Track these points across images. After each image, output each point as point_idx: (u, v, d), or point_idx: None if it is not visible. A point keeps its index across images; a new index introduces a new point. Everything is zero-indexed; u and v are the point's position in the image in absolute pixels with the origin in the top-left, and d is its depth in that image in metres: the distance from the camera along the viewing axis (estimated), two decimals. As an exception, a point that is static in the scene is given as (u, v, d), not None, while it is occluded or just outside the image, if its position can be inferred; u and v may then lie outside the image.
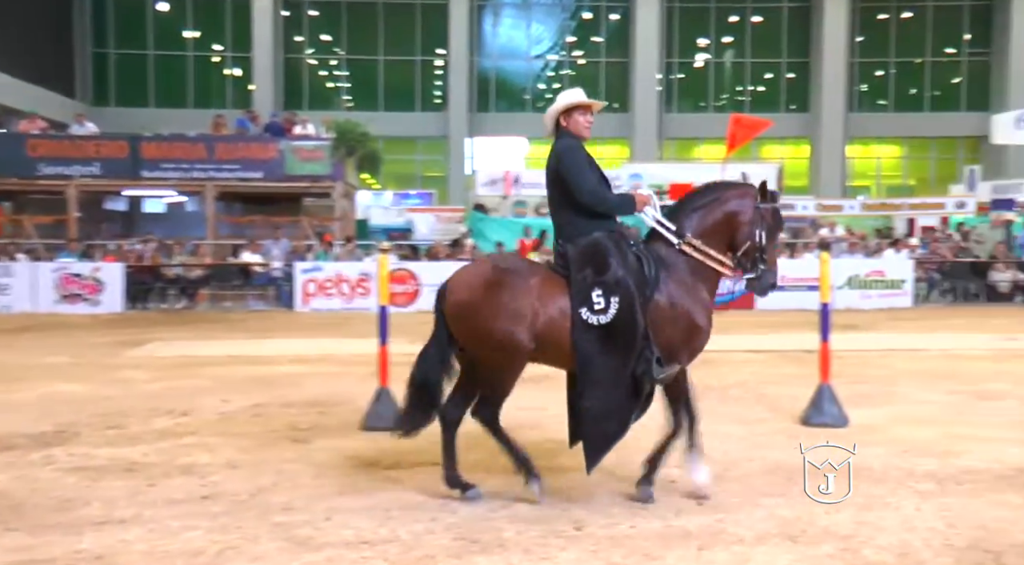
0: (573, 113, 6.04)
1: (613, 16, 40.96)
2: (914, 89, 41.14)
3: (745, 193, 6.10)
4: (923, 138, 41.33)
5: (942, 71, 40.89)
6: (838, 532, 5.29)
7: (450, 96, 40.13)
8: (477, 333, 5.73)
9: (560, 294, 5.72)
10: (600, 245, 5.76)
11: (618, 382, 5.64)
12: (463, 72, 39.76)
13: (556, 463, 6.62)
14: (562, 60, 41.61)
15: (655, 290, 5.76)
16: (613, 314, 5.59)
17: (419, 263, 21.76)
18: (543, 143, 41.74)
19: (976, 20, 40.39)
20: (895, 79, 41.02)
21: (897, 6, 40.61)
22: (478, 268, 6.00)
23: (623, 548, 5.06)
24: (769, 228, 5.99)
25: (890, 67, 40.89)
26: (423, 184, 39.01)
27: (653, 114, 39.33)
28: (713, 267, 5.95)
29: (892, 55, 40.76)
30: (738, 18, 40.94)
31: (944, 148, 41.68)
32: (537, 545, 5.11)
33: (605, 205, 5.92)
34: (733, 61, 41.39)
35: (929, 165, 42.09)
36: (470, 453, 6.56)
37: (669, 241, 5.93)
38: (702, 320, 5.88)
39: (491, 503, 5.88)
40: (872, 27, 40.62)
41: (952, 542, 5.13)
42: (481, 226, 24.34)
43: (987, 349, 13.42)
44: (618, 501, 5.91)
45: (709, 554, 4.96)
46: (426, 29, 40.61)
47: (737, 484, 6.26)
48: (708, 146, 39.02)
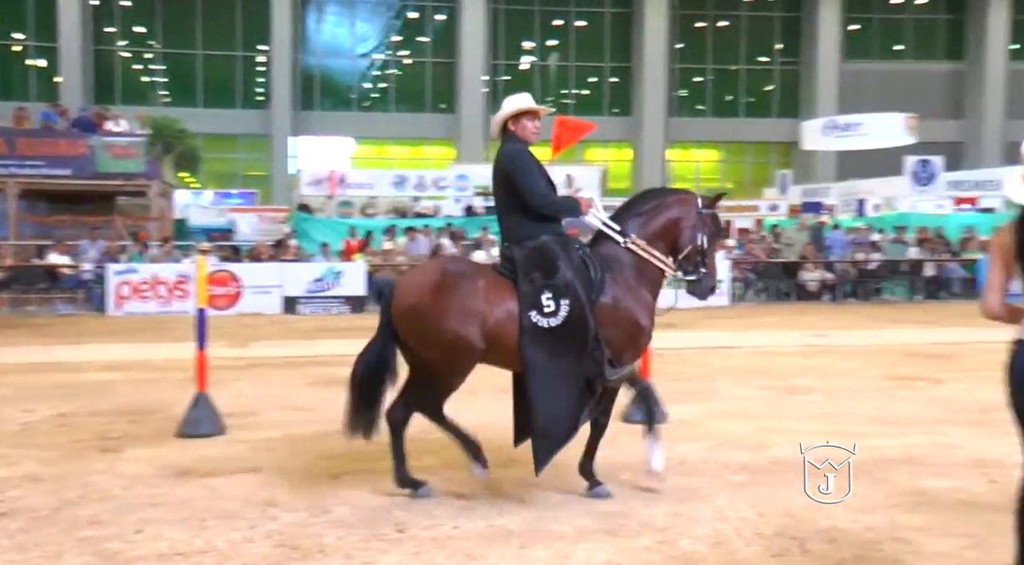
0: (521, 118, 6.14)
1: (439, 16, 41.03)
2: (730, 96, 42.83)
3: (687, 198, 6.26)
4: (739, 143, 43.05)
5: (756, 79, 42.72)
6: (655, 525, 5.44)
7: (273, 93, 39.34)
8: (428, 335, 5.74)
9: (508, 296, 5.76)
10: (548, 248, 5.82)
11: (569, 383, 5.70)
12: (286, 69, 39.04)
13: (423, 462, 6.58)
14: (388, 59, 41.43)
15: (600, 292, 5.85)
16: (563, 317, 5.66)
17: (241, 264, 21.28)
18: (369, 143, 41.55)
19: (787, 31, 42.39)
20: (712, 85, 42.61)
21: (714, 15, 42.20)
22: (426, 271, 6.03)
23: (446, 549, 5.07)
24: (710, 233, 6.17)
25: (707, 74, 42.44)
26: (245, 183, 38.09)
27: (479, 115, 39.58)
28: (656, 268, 6.07)
29: (709, 62, 42.32)
30: (562, 22, 41.68)
31: (758, 153, 43.52)
32: (359, 550, 5.07)
33: (554, 208, 6.00)
34: (558, 64, 42.11)
35: (745, 169, 43.88)
36: (297, 458, 6.44)
37: (614, 243, 6.04)
38: (645, 321, 6.00)
39: (313, 509, 5.79)
40: (690, 35, 42.07)
41: (761, 530, 5.36)
42: (306, 226, 24.00)
43: (796, 345, 14.10)
44: (442, 502, 5.91)
45: (530, 552, 5.02)
46: (247, 24, 39.70)
47: (558, 481, 6.36)
48: (534, 148, 39.50)
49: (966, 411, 8.82)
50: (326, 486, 6.30)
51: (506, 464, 6.52)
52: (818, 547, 5.09)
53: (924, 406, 9.13)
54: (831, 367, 11.90)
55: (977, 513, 5.64)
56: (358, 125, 40.56)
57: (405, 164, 38.47)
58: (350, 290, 20.60)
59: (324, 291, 20.49)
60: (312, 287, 20.47)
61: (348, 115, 40.32)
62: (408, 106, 41.00)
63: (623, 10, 41.39)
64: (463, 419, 6.33)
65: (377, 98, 41.68)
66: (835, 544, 5.13)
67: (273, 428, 8.26)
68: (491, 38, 40.45)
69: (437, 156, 40.21)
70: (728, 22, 42.38)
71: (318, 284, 20.48)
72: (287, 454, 7.26)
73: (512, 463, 6.43)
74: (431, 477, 6.31)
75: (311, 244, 22.49)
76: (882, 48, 42.67)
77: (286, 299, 20.32)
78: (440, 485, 6.25)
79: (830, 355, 13.06)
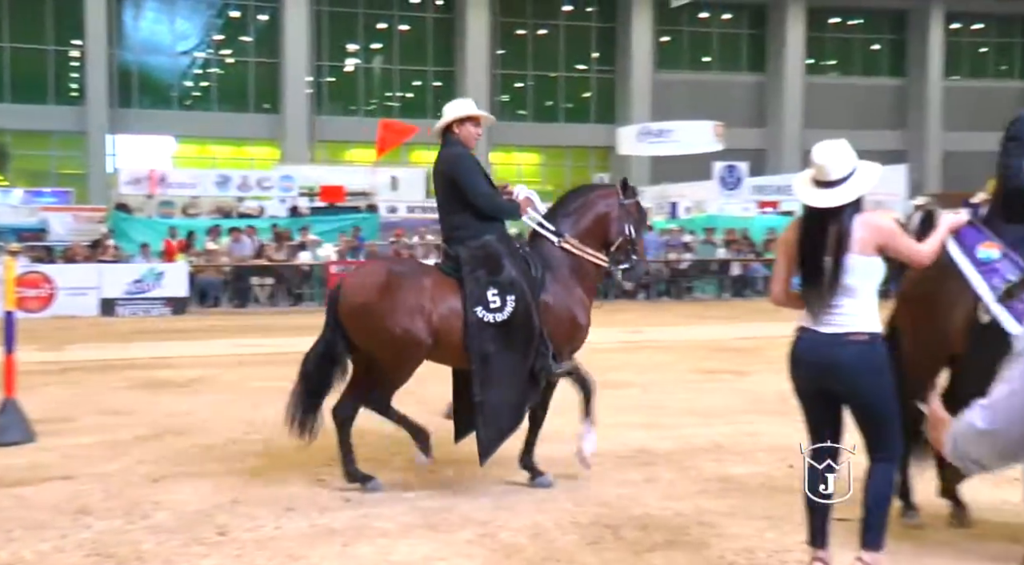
0: (465, 123, 6.21)
1: (261, 16, 40.09)
2: (550, 101, 43.51)
3: (609, 193, 6.46)
4: (559, 147, 43.76)
5: (574, 86, 43.55)
6: (477, 518, 5.47)
7: (88, 89, 37.47)
8: (375, 332, 5.84)
9: (452, 294, 5.88)
10: (491, 247, 5.95)
11: (516, 377, 5.84)
12: (102, 65, 37.24)
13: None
14: (210, 58, 40.20)
15: (542, 290, 6.00)
16: (509, 312, 5.79)
17: (54, 266, 20.25)
18: (191, 142, 40.08)
19: (602, 40, 43.36)
20: (533, 91, 43.17)
21: (533, 23, 42.76)
22: (372, 271, 6.22)
23: (267, 550, 4.96)
24: (636, 221, 6.41)
25: (528, 80, 42.98)
26: (59, 182, 36.10)
27: (304, 116, 38.88)
28: (590, 265, 6.23)
29: (530, 68, 42.86)
30: (386, 25, 41.42)
31: (578, 157, 44.35)
32: (178, 555, 4.90)
33: (496, 209, 6.11)
34: (382, 67, 41.83)
35: (565, 172, 44.61)
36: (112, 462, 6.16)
37: (550, 242, 6.18)
38: (582, 318, 6.17)
39: (130, 515, 5.56)
40: (511, 41, 42.51)
41: (578, 520, 5.46)
42: (124, 226, 23.02)
43: (614, 342, 14.42)
44: (266, 503, 5.78)
45: (353, 549, 4.97)
46: (58, 17, 37.68)
47: (382, 478, 6.32)
48: (359, 149, 39.14)
49: (768, 401, 9.22)
50: (145, 491, 6.07)
51: (330, 462, 6.43)
52: (631, 534, 5.23)
53: (730, 397, 9.51)
54: (647, 362, 12.24)
55: (776, 496, 5.91)
56: (179, 124, 39.22)
57: (228, 164, 37.40)
58: (171, 291, 19.89)
59: (144, 293, 19.73)
60: (131, 289, 19.68)
61: (169, 113, 38.90)
62: (231, 106, 39.91)
63: (445, 16, 41.46)
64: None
65: (199, 97, 40.40)
66: (647, 530, 5.28)
67: (88, 434, 7.89)
68: (315, 39, 39.77)
69: (261, 156, 39.26)
70: (547, 30, 43.03)
71: (138, 285, 19.71)
72: (102, 460, 6.95)
73: (335, 462, 6.34)
74: (255, 478, 6.16)
75: (130, 245, 21.60)
76: (691, 60, 44.20)
77: (104, 301, 19.46)
78: (265, 489, 6.11)
79: (646, 351, 13.43)
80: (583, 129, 42.99)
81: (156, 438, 7.66)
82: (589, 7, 43.03)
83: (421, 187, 30.69)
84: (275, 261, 21.68)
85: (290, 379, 6.20)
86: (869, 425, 4.21)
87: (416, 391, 6.77)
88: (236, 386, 10.23)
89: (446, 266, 6.12)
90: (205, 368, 11.54)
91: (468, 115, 6.27)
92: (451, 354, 5.99)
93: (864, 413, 4.20)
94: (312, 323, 17.78)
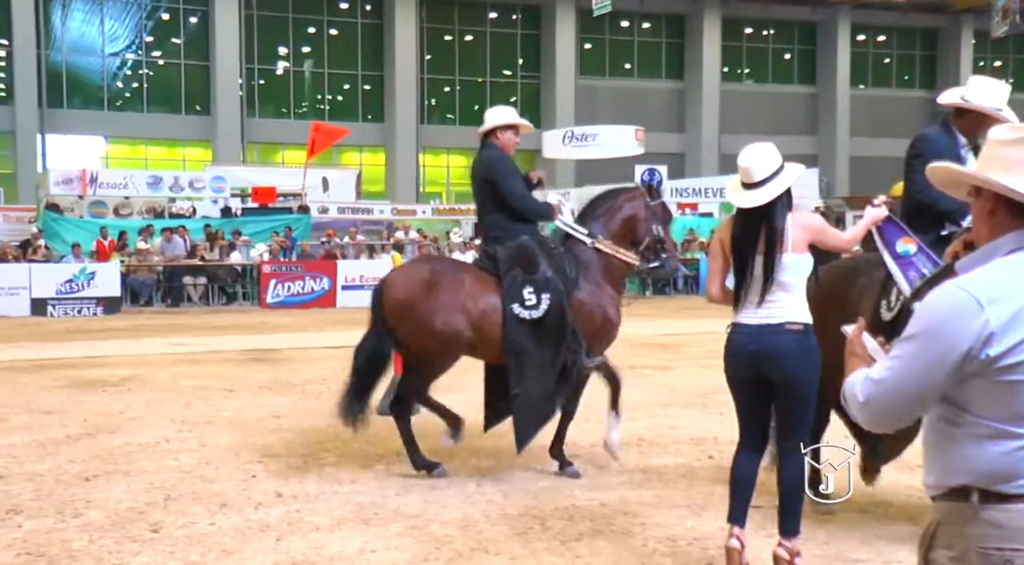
0: (507, 130, 6.31)
1: (192, 19, 39.39)
2: (477, 105, 43.46)
3: (635, 195, 6.59)
4: (487, 150, 43.70)
5: (501, 90, 43.55)
6: (407, 512, 5.44)
7: (16, 89, 36.36)
8: (418, 327, 5.94)
9: (491, 291, 5.99)
10: (528, 247, 6.07)
11: (549, 371, 5.94)
12: (30, 65, 36.16)
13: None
14: (140, 59, 39.35)
15: (575, 288, 6.10)
16: (544, 310, 5.89)
17: (-18, 266, 19.68)
18: (122, 142, 39.13)
19: (527, 48, 43.44)
20: (460, 95, 43.10)
21: (460, 30, 42.69)
22: (415, 269, 6.42)
23: (201, 546, 4.87)
24: (662, 220, 6.55)
25: (456, 85, 42.90)
26: (-12, 182, 35.18)
27: (236, 118, 38.28)
28: (619, 265, 6.37)
29: (457, 73, 42.78)
30: (315, 30, 41.00)
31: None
32: (110, 553, 4.79)
33: (531, 211, 6.23)
34: (312, 70, 41.40)
35: (491, 174, 44.66)
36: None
37: (582, 243, 6.29)
38: (614, 315, 6.33)
39: (62, 514, 5.42)
40: (439, 47, 42.37)
41: (507, 511, 5.47)
42: (55, 226, 22.44)
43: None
44: (200, 500, 5.68)
45: (286, 543, 4.91)
46: (-16, 18, 36.55)
47: (315, 474, 6.26)
48: (291, 151, 38.73)
49: (689, 395, 9.35)
50: (76, 490, 5.92)
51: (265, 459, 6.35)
52: (558, 524, 5.25)
53: (652, 392, 9.58)
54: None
55: (697, 486, 5.99)
56: (110, 124, 38.35)
57: (160, 165, 36.71)
58: (104, 291, 19.45)
59: (76, 293, 19.26)
60: (63, 288, 19.20)
61: (100, 114, 37.99)
62: (163, 107, 39.13)
63: (374, 21, 41.14)
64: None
65: (130, 98, 39.52)
66: (573, 520, 5.30)
67: (18, 433, 7.67)
68: (245, 42, 39.17)
69: (193, 157, 38.60)
70: (473, 37, 42.98)
71: (69, 285, 19.23)
72: (33, 459, 6.76)
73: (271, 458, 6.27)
74: (188, 476, 6.05)
75: (62, 245, 21.09)
76: (613, 66, 44.52)
77: (34, 301, 18.96)
78: (198, 486, 6.01)
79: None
80: (510, 133, 42.99)
81: (88, 437, 7.48)
82: (514, 15, 43.11)
83: (351, 188, 30.50)
84: (208, 261, 21.35)
85: (222, 377, 6.11)
86: (791, 411, 4.31)
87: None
88: (168, 385, 10.04)
89: (484, 264, 6.24)
90: (137, 367, 11.31)
91: (509, 123, 6.37)
92: (489, 348, 6.12)
93: (791, 398, 4.30)
94: (244, 322, 17.59)
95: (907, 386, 2.02)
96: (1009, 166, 2.09)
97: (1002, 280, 1.98)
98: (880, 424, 2.13)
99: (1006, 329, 1.94)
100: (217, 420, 8.11)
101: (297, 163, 32.81)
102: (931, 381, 2.00)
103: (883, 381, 2.05)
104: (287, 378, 10.35)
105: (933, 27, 47.37)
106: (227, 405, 8.86)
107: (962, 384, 1.99)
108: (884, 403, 2.06)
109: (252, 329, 15.96)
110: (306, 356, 12.22)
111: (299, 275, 20.64)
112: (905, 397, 2.04)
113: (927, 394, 2.03)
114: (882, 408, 2.07)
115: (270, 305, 20.05)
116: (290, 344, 13.61)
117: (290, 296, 20.37)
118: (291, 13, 40.22)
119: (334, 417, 6.31)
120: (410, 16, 40.13)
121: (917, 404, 2.05)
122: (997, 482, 1.97)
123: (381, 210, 29.60)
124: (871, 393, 2.07)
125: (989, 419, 1.98)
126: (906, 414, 2.08)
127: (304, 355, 12.34)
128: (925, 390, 2.02)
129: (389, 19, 40.35)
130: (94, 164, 34.29)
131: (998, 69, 49.00)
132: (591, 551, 4.81)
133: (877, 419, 2.11)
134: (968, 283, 1.99)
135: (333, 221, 26.47)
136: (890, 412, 2.08)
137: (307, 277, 20.64)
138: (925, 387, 2.01)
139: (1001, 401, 1.97)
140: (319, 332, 15.13)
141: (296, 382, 10.05)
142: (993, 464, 1.97)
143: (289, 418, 8.20)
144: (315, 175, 28.09)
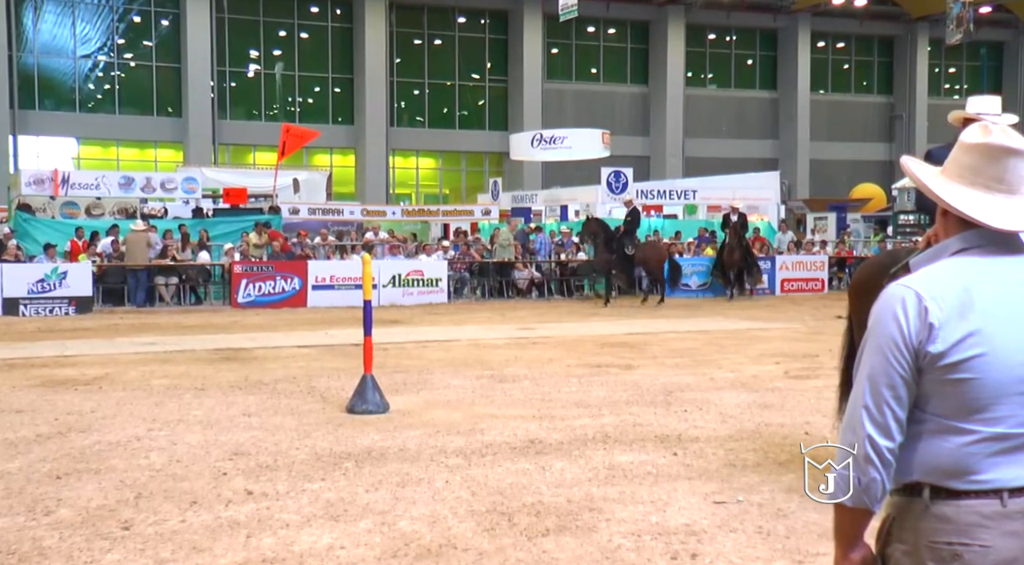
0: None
1: (163, 21, 39.04)
2: (446, 108, 43.42)
3: None
4: (455, 152, 43.70)
5: (470, 94, 43.52)
6: (376, 509, 5.43)
7: (-14, 91, 35.93)
8: (861, 312, 5.82)
9: None
10: None
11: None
12: (2, 67, 35.58)
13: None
14: (112, 62, 38.93)
15: None
16: None
17: (-48, 267, 19.37)
18: (94, 144, 38.63)
19: (495, 52, 43.42)
20: (429, 98, 43.01)
21: (428, 34, 42.59)
22: (884, 253, 6.62)
23: (171, 543, 4.83)
24: None
25: (425, 87, 42.80)
26: (-42, 183, 34.65)
27: (207, 120, 37.98)
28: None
29: (426, 77, 42.68)
30: (286, 33, 40.77)
31: (473, 161, 44.38)
32: (80, 550, 4.73)
33: None
34: (283, 73, 41.16)
35: (461, 176, 44.61)
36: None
37: None
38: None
39: (32, 512, 5.35)
40: (408, 51, 42.27)
41: (475, 508, 5.46)
42: (27, 227, 22.14)
43: (508, 338, 14.49)
44: (171, 497, 5.62)
45: (256, 541, 4.88)
46: (-45, 20, 36.02)
47: (285, 472, 6.23)
48: (262, 153, 38.51)
49: (652, 393, 9.38)
50: (47, 488, 5.84)
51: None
52: (524, 520, 5.25)
53: (617, 390, 9.61)
54: (538, 357, 12.29)
55: (661, 482, 6.01)
56: (82, 126, 37.93)
57: (132, 166, 36.32)
58: (76, 291, 19.22)
59: (48, 292, 19.02)
60: (35, 288, 18.96)
61: (71, 115, 37.57)
62: (134, 109, 38.74)
63: (344, 25, 40.96)
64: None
65: (102, 99, 39.09)
66: (539, 516, 5.31)
67: (-12, 432, 7.57)
68: (217, 45, 38.85)
69: (165, 159, 38.25)
70: (442, 41, 42.90)
71: (41, 285, 18.99)
72: (4, 458, 6.67)
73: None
74: (159, 474, 5.97)
75: (34, 245, 20.81)
76: (580, 71, 44.62)
77: (6, 301, 18.71)
78: (169, 483, 5.95)
79: (537, 346, 13.50)
80: (478, 135, 43.03)
81: (59, 436, 7.40)
82: (482, 20, 43.09)
83: (322, 189, 30.35)
84: (179, 261, 21.16)
85: (193, 376, 6.05)
86: None
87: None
88: (139, 384, 9.94)
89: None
90: (108, 366, 11.19)
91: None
92: None
93: None
94: (215, 322, 17.48)
95: (875, 379, 2.03)
96: (962, 172, 2.11)
97: (944, 279, 2.02)
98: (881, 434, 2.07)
99: (946, 325, 1.97)
100: (188, 419, 8.04)
101: (268, 164, 32.61)
102: (894, 372, 2.01)
103: (856, 388, 2.07)
104: (258, 377, 10.29)
105: (890, 35, 47.93)
106: (198, 404, 8.79)
107: (919, 381, 2.02)
108: (866, 406, 2.05)
109: (223, 329, 15.85)
110: (277, 355, 12.16)
111: (270, 275, 20.51)
112: (880, 395, 2.03)
113: (896, 384, 2.01)
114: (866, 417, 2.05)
115: (241, 305, 19.92)
116: (261, 343, 13.53)
117: (261, 296, 20.23)
118: (262, 16, 39.96)
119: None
120: (380, 20, 40.01)
121: (894, 400, 2.02)
122: (947, 478, 1.99)
123: (351, 211, 29.47)
124: (850, 414, 2.09)
125: (939, 415, 2.01)
126: (890, 413, 2.04)
127: (275, 354, 12.28)
128: (892, 380, 2.01)
129: (359, 23, 40.20)
130: (66, 165, 33.92)
131: (952, 75, 49.69)
132: (557, 546, 4.82)
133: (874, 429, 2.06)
134: (912, 281, 2.04)
135: (304, 222, 26.33)
136: (877, 418, 2.04)
137: (278, 277, 20.51)
138: (890, 376, 2.01)
139: (949, 398, 1.99)
140: (290, 332, 15.09)
141: (267, 381, 9.99)
142: (943, 460, 2.00)
143: (259, 416, 8.14)
144: (286, 176, 27.94)
